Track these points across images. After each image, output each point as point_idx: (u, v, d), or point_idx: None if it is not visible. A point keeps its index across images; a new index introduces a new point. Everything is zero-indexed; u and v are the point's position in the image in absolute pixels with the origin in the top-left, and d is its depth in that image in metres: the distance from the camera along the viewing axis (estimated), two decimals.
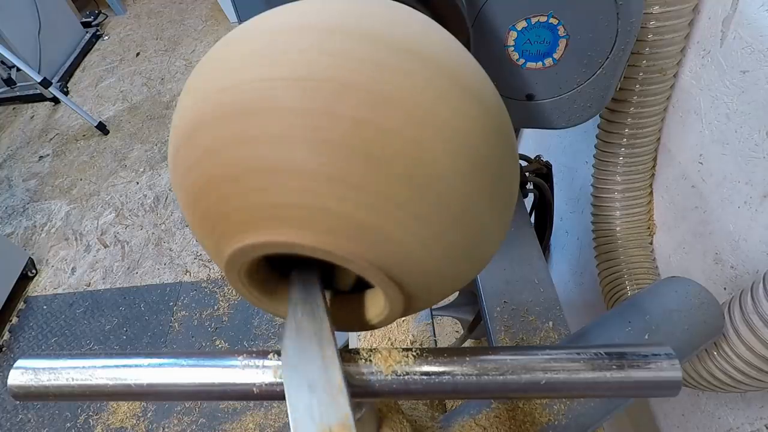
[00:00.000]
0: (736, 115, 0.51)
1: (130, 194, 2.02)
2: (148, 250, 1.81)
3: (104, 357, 0.30)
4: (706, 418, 0.64)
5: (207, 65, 0.24)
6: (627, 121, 0.60)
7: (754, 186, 0.51)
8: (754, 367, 0.46)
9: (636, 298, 0.52)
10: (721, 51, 0.51)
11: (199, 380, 0.28)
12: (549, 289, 0.59)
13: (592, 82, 0.47)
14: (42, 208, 2.04)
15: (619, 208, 0.69)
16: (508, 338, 0.55)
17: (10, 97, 2.52)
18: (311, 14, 0.23)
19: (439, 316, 0.98)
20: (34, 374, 0.29)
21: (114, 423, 1.37)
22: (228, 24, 2.87)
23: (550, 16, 0.43)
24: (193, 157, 0.23)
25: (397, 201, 0.21)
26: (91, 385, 0.29)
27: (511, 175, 0.26)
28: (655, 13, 0.51)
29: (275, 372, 0.28)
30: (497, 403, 0.47)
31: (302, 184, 0.20)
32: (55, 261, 1.83)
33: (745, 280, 0.54)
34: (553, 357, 0.28)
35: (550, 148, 1.06)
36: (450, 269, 0.24)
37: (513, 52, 0.47)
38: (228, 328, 1.55)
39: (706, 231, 0.60)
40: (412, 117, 0.21)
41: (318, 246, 0.21)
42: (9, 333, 1.62)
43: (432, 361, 0.28)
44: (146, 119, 2.36)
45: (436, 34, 0.24)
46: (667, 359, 0.28)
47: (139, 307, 1.64)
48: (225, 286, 1.66)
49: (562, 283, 1.10)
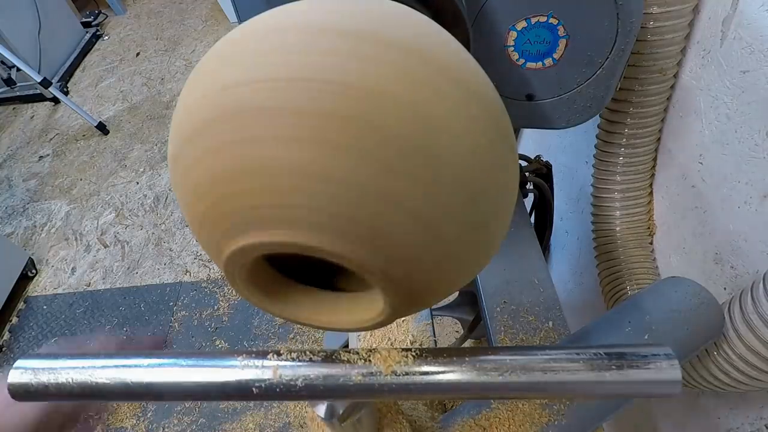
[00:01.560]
0: (736, 115, 0.51)
1: (130, 194, 2.02)
2: (148, 250, 1.81)
3: (104, 357, 0.30)
4: (706, 418, 0.64)
5: (207, 65, 0.24)
6: (627, 121, 0.60)
7: (754, 186, 0.51)
8: (754, 367, 0.46)
9: (636, 298, 0.52)
10: (721, 51, 0.51)
11: (199, 380, 0.28)
12: (549, 289, 0.59)
13: (592, 82, 0.47)
14: (42, 208, 2.04)
15: (619, 208, 0.69)
16: (508, 338, 0.55)
17: (10, 97, 2.52)
18: (311, 15, 0.23)
19: (439, 316, 0.98)
20: (34, 374, 0.29)
21: (114, 423, 1.37)
22: (228, 24, 2.87)
23: (550, 16, 0.43)
24: (193, 157, 0.23)
25: (396, 201, 0.21)
26: (91, 385, 0.29)
27: (510, 174, 0.26)
28: (655, 13, 0.51)
29: (275, 372, 0.28)
30: (497, 403, 0.47)
31: (301, 184, 0.21)
32: (55, 261, 1.83)
33: (745, 280, 0.54)
34: (553, 357, 0.28)
35: (550, 148, 1.06)
36: (450, 269, 0.24)
37: (513, 52, 0.47)
38: (228, 328, 1.55)
39: (706, 231, 0.60)
40: (412, 117, 0.21)
41: (317, 246, 0.21)
42: (9, 333, 1.62)
43: (432, 361, 0.28)
44: (146, 119, 2.36)
45: (436, 34, 0.24)
46: (666, 359, 0.28)
47: (139, 307, 1.64)
48: (225, 286, 1.66)
49: (562, 283, 1.10)
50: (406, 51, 0.22)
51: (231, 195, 0.22)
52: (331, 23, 0.22)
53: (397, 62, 0.21)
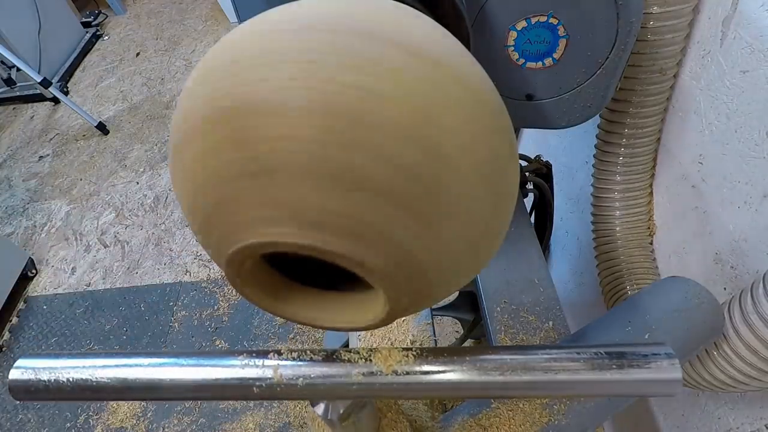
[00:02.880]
0: (736, 115, 0.51)
1: (130, 194, 2.02)
2: (148, 250, 1.81)
3: (104, 357, 0.30)
4: (706, 418, 0.64)
5: (206, 66, 0.24)
6: (627, 121, 0.60)
7: (754, 186, 0.51)
8: (754, 367, 0.46)
9: (636, 298, 0.52)
10: (721, 51, 0.51)
11: (199, 380, 0.28)
12: (549, 289, 0.59)
13: (592, 82, 0.47)
14: (42, 208, 2.04)
15: (619, 208, 0.69)
16: (508, 338, 0.55)
17: (10, 97, 2.52)
18: (312, 15, 0.23)
19: (439, 316, 0.98)
20: (34, 374, 0.29)
21: (114, 423, 1.37)
22: (228, 24, 2.87)
23: (550, 16, 0.43)
24: (193, 157, 0.23)
25: (396, 201, 0.21)
26: (91, 385, 0.29)
27: (511, 174, 0.26)
28: (655, 13, 0.51)
29: (275, 372, 0.28)
30: (497, 403, 0.47)
31: (302, 184, 0.20)
32: (55, 261, 1.83)
33: (745, 280, 0.54)
34: (553, 357, 0.28)
35: (550, 148, 1.06)
36: (451, 269, 0.24)
37: (513, 52, 0.47)
38: (228, 328, 1.55)
39: (706, 231, 0.60)
40: (414, 117, 0.21)
41: (319, 246, 0.21)
42: (9, 333, 1.62)
43: (432, 361, 0.28)
44: (146, 119, 2.36)
45: (437, 34, 0.24)
46: (667, 359, 0.28)
47: (139, 307, 1.64)
48: (225, 286, 1.65)
49: (562, 283, 1.10)
50: (407, 51, 0.22)
51: (231, 195, 0.22)
52: (332, 24, 0.22)
53: (399, 62, 0.21)
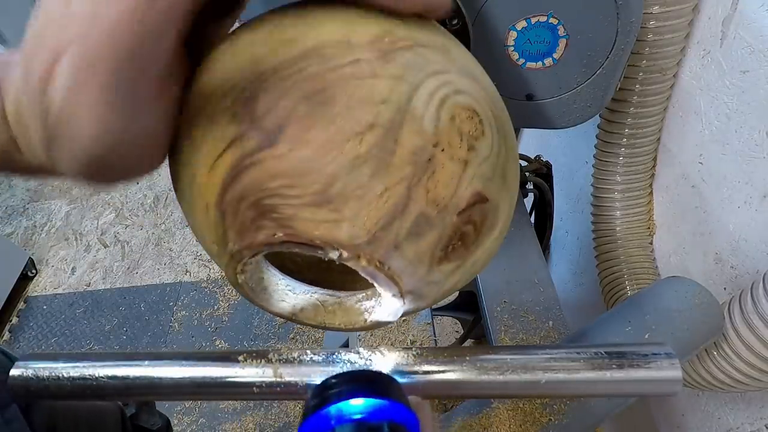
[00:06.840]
0: (736, 115, 0.51)
1: (130, 194, 2.02)
2: (148, 250, 1.81)
3: (104, 357, 0.30)
4: (706, 418, 0.64)
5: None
6: (627, 121, 0.60)
7: (754, 186, 0.51)
8: (754, 367, 0.46)
9: (636, 298, 0.52)
10: (721, 51, 0.51)
11: (199, 380, 0.28)
12: (549, 289, 0.59)
13: (592, 82, 0.47)
14: (42, 208, 2.04)
15: (619, 208, 0.69)
16: (508, 338, 0.55)
17: None
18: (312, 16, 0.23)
19: (439, 316, 0.98)
20: (35, 373, 0.29)
21: None
22: None
23: (550, 16, 0.43)
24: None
25: (404, 204, 0.21)
26: (91, 385, 0.29)
27: (511, 174, 0.26)
28: (655, 13, 0.51)
29: (275, 372, 0.28)
30: (498, 403, 0.47)
31: (304, 184, 0.20)
32: (55, 261, 1.83)
33: (745, 280, 0.54)
34: (553, 357, 0.28)
35: (550, 148, 1.06)
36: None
37: (513, 52, 0.47)
38: (228, 328, 1.55)
39: (706, 231, 0.60)
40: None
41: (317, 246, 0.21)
42: (9, 333, 1.62)
43: (432, 360, 0.28)
44: None
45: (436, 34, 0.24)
46: (667, 358, 0.28)
47: (139, 307, 1.64)
48: (225, 286, 1.66)
49: (562, 283, 1.10)
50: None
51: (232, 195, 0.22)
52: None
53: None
